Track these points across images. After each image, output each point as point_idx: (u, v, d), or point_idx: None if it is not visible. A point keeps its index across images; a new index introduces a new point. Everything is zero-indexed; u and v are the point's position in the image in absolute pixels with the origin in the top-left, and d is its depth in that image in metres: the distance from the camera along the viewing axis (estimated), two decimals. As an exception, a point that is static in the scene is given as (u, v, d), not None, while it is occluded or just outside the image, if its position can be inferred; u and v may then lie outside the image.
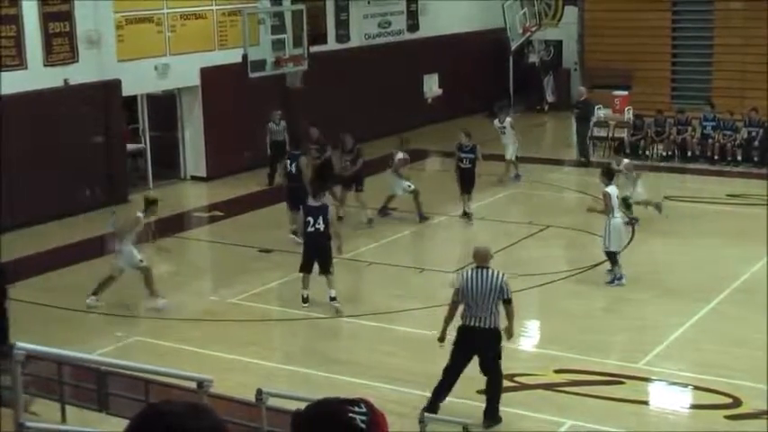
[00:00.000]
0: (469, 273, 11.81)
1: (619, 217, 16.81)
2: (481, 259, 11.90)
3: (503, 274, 11.86)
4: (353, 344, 14.86)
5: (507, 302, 11.75)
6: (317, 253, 15.64)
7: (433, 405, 11.87)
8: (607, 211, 16.71)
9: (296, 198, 18.53)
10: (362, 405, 5.02)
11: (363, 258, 18.76)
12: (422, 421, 10.36)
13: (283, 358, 14.34)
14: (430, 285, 17.19)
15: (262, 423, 8.80)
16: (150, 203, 16.32)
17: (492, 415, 11.89)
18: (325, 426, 4.82)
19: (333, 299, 15.70)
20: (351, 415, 4.88)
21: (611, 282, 16.71)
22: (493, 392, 11.91)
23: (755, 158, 25.24)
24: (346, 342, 15.01)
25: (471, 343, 11.78)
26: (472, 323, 11.68)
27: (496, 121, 24.30)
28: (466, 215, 20.67)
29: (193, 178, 25.29)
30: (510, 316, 11.85)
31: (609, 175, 17.21)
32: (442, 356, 13.75)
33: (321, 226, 15.49)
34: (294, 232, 19.01)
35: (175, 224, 21.88)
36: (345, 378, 13.20)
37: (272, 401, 9.47)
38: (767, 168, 24.64)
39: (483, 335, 11.72)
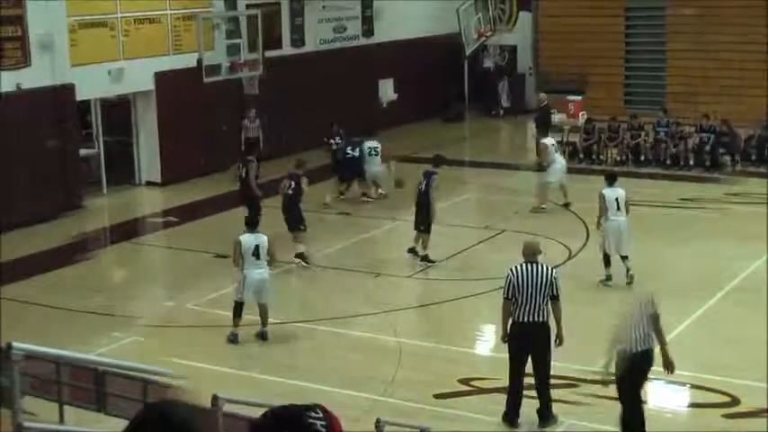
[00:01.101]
0: (519, 267, 11.66)
1: (614, 219, 16.89)
2: (530, 253, 11.78)
3: (553, 269, 11.79)
4: (308, 349, 14.85)
5: (555, 299, 11.59)
6: None
7: (511, 415, 11.82)
8: (601, 212, 16.89)
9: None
10: (318, 410, 5.09)
11: (319, 263, 18.76)
12: (378, 426, 10.37)
13: (239, 364, 14.31)
14: (385, 290, 17.26)
15: (218, 429, 8.78)
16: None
17: (547, 415, 11.82)
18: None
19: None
20: (311, 420, 4.92)
21: (603, 280, 16.90)
22: (545, 392, 11.79)
23: (707, 163, 25.54)
24: (301, 347, 14.99)
25: (525, 339, 11.65)
26: (524, 318, 11.55)
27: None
28: None
29: (148, 184, 25.17)
30: (557, 314, 11.67)
31: (610, 178, 17.39)
32: (396, 361, 13.83)
33: None
34: None
35: (130, 230, 21.80)
36: (300, 383, 13.16)
37: (228, 407, 9.46)
38: (718, 172, 25.07)
39: (535, 329, 11.58)
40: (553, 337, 11.80)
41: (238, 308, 14.76)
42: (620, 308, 12.03)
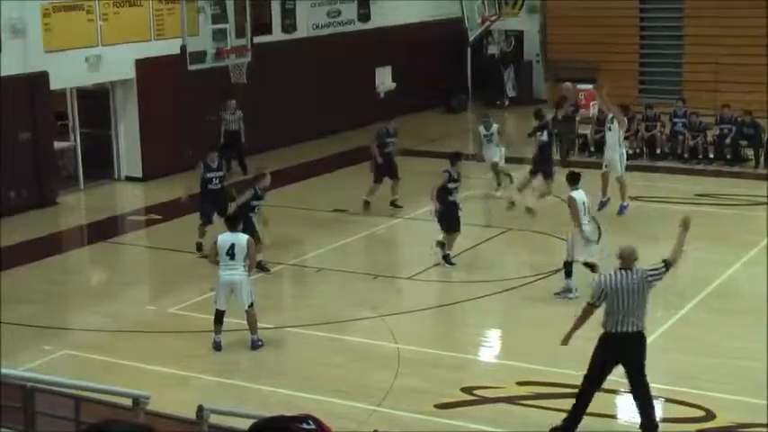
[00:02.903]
0: (614, 276, 11.54)
1: (584, 223, 16.77)
2: (627, 259, 11.66)
3: (644, 269, 11.65)
4: (300, 355, 14.82)
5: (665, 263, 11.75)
6: None
7: (570, 424, 11.76)
8: (576, 218, 16.66)
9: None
10: (311, 422, 5.06)
11: (313, 264, 18.75)
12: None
13: (226, 372, 14.27)
14: (383, 293, 17.23)
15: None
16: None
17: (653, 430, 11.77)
18: None
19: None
20: (301, 434, 4.87)
21: (559, 293, 16.69)
22: (648, 406, 11.72)
23: (728, 156, 25.51)
24: (292, 353, 14.97)
25: (617, 351, 11.59)
26: (618, 329, 11.47)
27: (482, 128, 23.20)
28: None
29: (128, 179, 25.13)
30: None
31: (574, 179, 17.17)
32: (394, 368, 13.81)
33: None
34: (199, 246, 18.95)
35: (109, 228, 21.76)
36: (291, 392, 13.16)
37: (214, 418, 9.43)
38: (739, 166, 25.05)
39: (631, 340, 11.54)
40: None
41: (218, 314, 14.76)
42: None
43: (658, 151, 26.25)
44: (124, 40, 24.08)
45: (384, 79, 31.91)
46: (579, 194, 16.77)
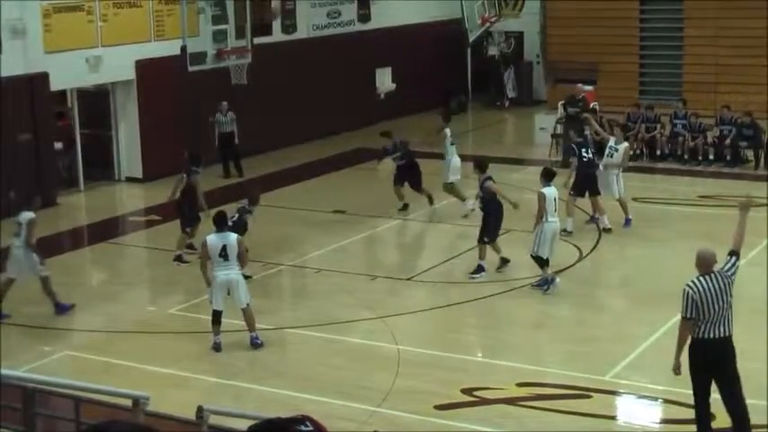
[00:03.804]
0: (699, 283, 11.25)
1: (553, 220, 16.85)
2: (707, 265, 11.37)
3: (721, 269, 11.43)
4: (299, 356, 14.84)
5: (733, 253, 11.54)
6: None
7: None
8: (540, 213, 16.77)
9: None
10: (308, 423, 5.07)
11: (312, 265, 18.75)
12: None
13: (225, 373, 14.28)
14: (382, 293, 17.23)
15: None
16: None
17: None
18: None
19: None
20: (300, 436, 4.89)
21: (541, 285, 16.74)
22: (747, 420, 11.44)
23: (728, 157, 25.49)
24: (292, 354, 14.98)
25: (714, 356, 11.33)
26: (707, 335, 11.22)
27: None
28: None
29: (128, 179, 25.13)
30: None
31: (548, 175, 17.27)
32: (394, 369, 13.81)
33: None
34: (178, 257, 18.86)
35: (109, 229, 21.76)
36: (291, 393, 13.17)
37: (213, 419, 9.43)
38: (739, 168, 25.03)
39: (724, 346, 11.29)
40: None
41: (215, 315, 14.76)
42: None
43: (658, 153, 26.24)
44: (124, 41, 24.08)
45: (384, 80, 31.90)
46: (551, 191, 16.95)
